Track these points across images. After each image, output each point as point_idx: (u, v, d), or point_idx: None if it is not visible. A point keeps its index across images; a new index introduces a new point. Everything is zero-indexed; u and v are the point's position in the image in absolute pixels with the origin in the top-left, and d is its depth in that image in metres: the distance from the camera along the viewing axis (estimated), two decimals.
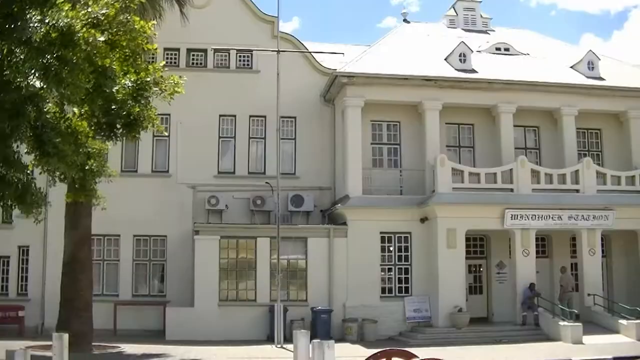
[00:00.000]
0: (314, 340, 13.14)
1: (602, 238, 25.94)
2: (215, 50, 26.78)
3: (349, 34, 78.33)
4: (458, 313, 23.44)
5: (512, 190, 24.72)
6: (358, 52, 28.24)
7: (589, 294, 24.78)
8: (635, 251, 26.24)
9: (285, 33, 27.89)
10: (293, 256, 24.29)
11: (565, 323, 22.25)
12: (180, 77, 15.21)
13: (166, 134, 24.49)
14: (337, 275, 24.14)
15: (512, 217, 24.23)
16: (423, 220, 24.77)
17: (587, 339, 21.70)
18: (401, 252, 24.87)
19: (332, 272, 24.19)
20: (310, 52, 26.87)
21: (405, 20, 32.57)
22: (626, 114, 27.37)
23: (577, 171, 25.50)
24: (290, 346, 17.37)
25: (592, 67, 28.04)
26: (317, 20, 78.74)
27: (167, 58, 26.14)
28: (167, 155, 26.59)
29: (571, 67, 28.53)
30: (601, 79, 27.72)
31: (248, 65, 27.61)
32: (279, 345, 20.63)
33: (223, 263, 23.97)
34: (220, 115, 26.99)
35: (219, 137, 26.98)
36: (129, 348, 20.04)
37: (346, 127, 25.19)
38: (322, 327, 22.64)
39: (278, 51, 22.04)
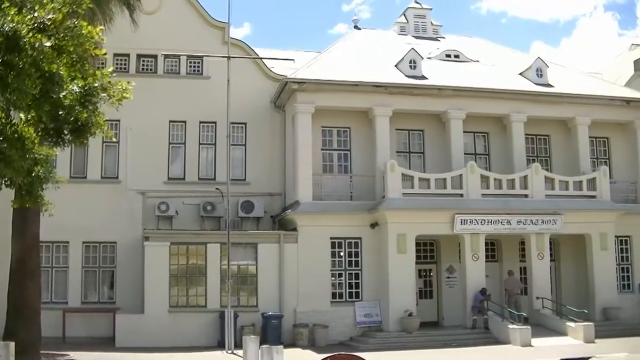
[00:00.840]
0: (263, 346, 14.00)
1: (550, 242, 27.34)
2: (166, 56, 27.48)
3: (301, 40, 80.00)
4: (408, 317, 24.46)
5: (461, 195, 25.91)
6: (309, 59, 29.35)
7: (537, 298, 26.16)
8: (583, 255, 27.73)
9: (236, 39, 28.78)
10: (243, 262, 25.07)
11: (515, 326, 23.37)
12: (128, 82, 15.57)
13: (115, 140, 25.16)
14: (287, 280, 24.97)
15: (461, 222, 25.41)
16: (373, 225, 25.77)
17: (535, 341, 22.92)
18: (352, 257, 25.79)
19: (282, 277, 25.00)
20: (260, 58, 27.74)
21: (356, 27, 33.83)
22: (574, 120, 28.84)
23: (525, 176, 26.79)
24: (240, 352, 18.17)
25: (541, 74, 29.49)
26: (269, 26, 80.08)
27: (117, 64, 26.84)
28: (116, 161, 27.11)
29: (520, 74, 29.98)
30: (549, 85, 29.21)
31: (198, 71, 28.39)
32: (229, 351, 21.24)
33: (173, 269, 24.58)
34: (170, 121, 27.68)
35: (169, 143, 27.65)
36: (78, 356, 20.42)
37: (296, 133, 26.07)
38: (272, 332, 23.42)
39: (228, 57, 22.74)
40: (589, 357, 19.56)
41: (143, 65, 28.07)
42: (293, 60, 26.03)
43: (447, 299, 27.06)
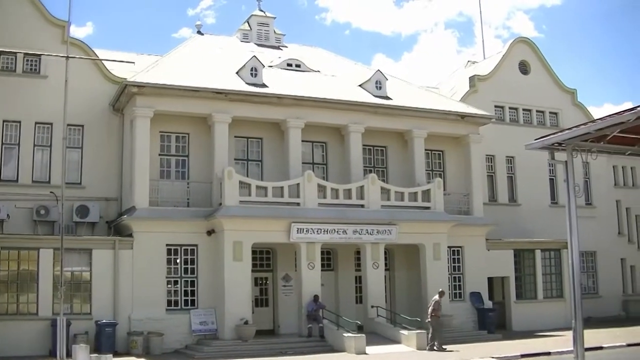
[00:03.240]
0: (92, 355, 16.64)
1: (385, 251, 32.67)
2: (1, 53, 29.88)
3: (145, 42, 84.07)
4: (244, 325, 28.22)
5: (298, 204, 30.38)
6: (150, 62, 33.06)
7: (372, 306, 31.10)
8: (417, 264, 33.35)
9: (76, 39, 32.15)
10: (77, 268, 28.02)
11: (349, 334, 27.37)
12: None
13: None
14: (122, 287, 28.16)
15: (298, 230, 29.79)
16: (210, 232, 29.66)
17: (370, 349, 26.94)
18: (188, 264, 29.49)
19: (117, 284, 28.13)
20: (100, 60, 31.04)
21: (199, 32, 38.39)
22: (411, 132, 34.56)
23: (362, 187, 31.80)
24: None
25: (380, 87, 35.13)
26: (112, 27, 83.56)
27: None
28: None
29: (360, 85, 35.55)
30: (388, 98, 34.88)
31: (36, 69, 31.29)
32: None
33: (3, 275, 27.01)
34: (4, 121, 30.31)
35: (2, 144, 30.24)
36: None
37: (134, 137, 29.49)
38: (106, 340, 26.56)
39: (67, 57, 24.58)
40: None
41: None
42: (133, 63, 29.06)
43: (283, 307, 31.52)
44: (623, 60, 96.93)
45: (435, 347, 28.04)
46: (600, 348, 26.56)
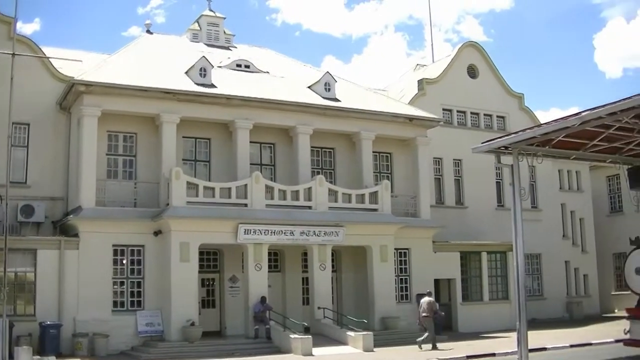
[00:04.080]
0: (35, 357, 16.89)
1: (332, 253, 33.41)
2: None
3: (94, 40, 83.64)
4: (191, 327, 28.59)
5: (246, 205, 30.96)
6: (99, 60, 33.40)
7: (319, 307, 31.79)
8: (364, 266, 34.15)
9: (23, 36, 32.14)
10: (21, 269, 28.10)
11: (296, 336, 27.89)
12: None
13: None
14: (67, 288, 28.34)
15: (245, 231, 30.33)
16: (157, 233, 30.06)
17: (317, 350, 27.42)
18: (134, 265, 29.88)
19: (62, 285, 28.30)
20: (47, 57, 31.13)
21: (148, 31, 38.75)
22: (359, 134, 35.40)
23: (310, 188, 32.52)
24: None
25: (329, 89, 35.92)
26: (61, 24, 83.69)
27: None
28: None
29: (309, 87, 36.34)
30: (337, 100, 35.70)
31: None
32: None
33: None
34: None
35: None
36: None
37: (81, 136, 29.75)
38: (50, 342, 26.72)
39: (13, 54, 24.73)
40: None
41: None
42: (81, 61, 29.39)
43: (230, 309, 32.07)
44: (570, 65, 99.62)
45: (422, 347, 28.80)
46: (544, 349, 27.42)
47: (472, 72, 44.52)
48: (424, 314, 29.81)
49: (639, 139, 20.58)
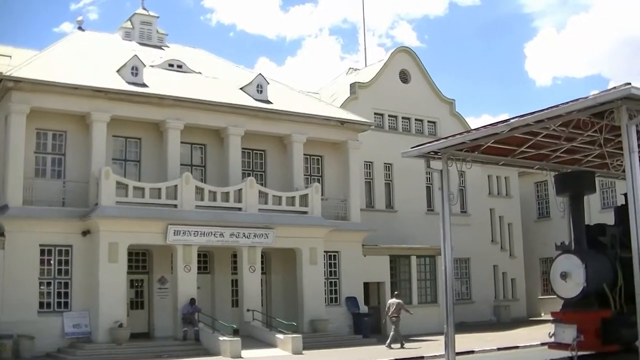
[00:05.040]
0: None
1: (262, 255, 34.03)
2: None
3: (25, 36, 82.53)
4: (118, 328, 28.77)
5: (176, 206, 31.41)
6: (29, 56, 33.14)
7: (248, 310, 32.35)
8: (293, 268, 34.90)
9: None
10: None
11: (225, 338, 28.40)
12: None
13: None
14: None
15: (174, 232, 30.78)
16: (85, 233, 30.26)
17: (245, 353, 27.98)
18: (61, 265, 29.96)
19: None
20: None
21: (80, 28, 38.83)
22: (290, 137, 36.16)
23: (240, 190, 33.11)
24: None
25: (261, 91, 36.64)
26: None
27: None
28: None
29: (241, 88, 37.00)
30: (269, 102, 36.42)
31: None
32: None
33: None
34: None
35: None
36: None
37: (8, 133, 29.72)
38: None
39: None
40: None
41: None
42: (10, 57, 29.43)
43: (159, 310, 32.37)
44: (501, 73, 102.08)
45: (392, 346, 30.33)
46: (472, 352, 28.36)
47: (404, 77, 45.71)
48: (393, 315, 31.52)
49: (565, 147, 21.50)
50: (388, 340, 30.92)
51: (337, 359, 28.05)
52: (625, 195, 17.81)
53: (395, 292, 33.74)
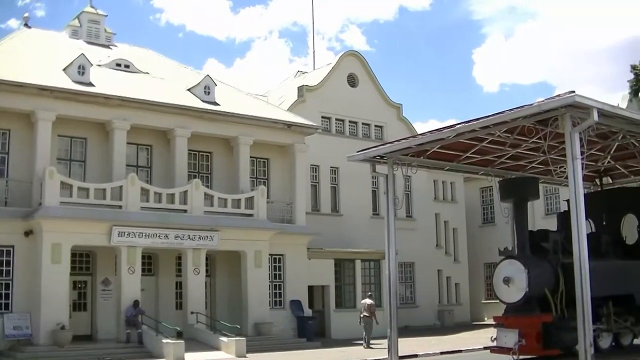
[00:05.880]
0: None
1: (207, 258, 34.44)
2: None
3: None
4: (61, 330, 28.76)
5: (120, 207, 31.55)
6: None
7: (192, 312, 32.66)
8: (238, 271, 35.31)
9: None
10: None
11: (168, 340, 28.50)
12: None
13: None
14: None
15: (119, 234, 30.90)
16: (28, 233, 30.20)
17: (189, 356, 28.21)
18: (3, 266, 29.76)
19: None
20: None
21: (26, 25, 38.70)
22: (237, 139, 36.55)
23: (186, 192, 33.39)
24: None
25: (209, 92, 37.02)
26: None
27: None
28: None
29: (188, 89, 37.31)
30: (216, 104, 36.80)
31: None
32: None
33: None
34: None
35: None
36: None
37: None
38: None
39: None
40: None
41: None
42: None
43: (102, 312, 32.41)
44: (449, 78, 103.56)
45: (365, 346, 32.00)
46: (415, 356, 28.89)
47: (352, 81, 46.39)
48: (365, 314, 33.12)
49: (510, 153, 22.15)
50: (364, 341, 32.36)
51: None
52: (568, 201, 18.37)
53: (369, 293, 34.99)
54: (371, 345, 32.29)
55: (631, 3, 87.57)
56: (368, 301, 34.11)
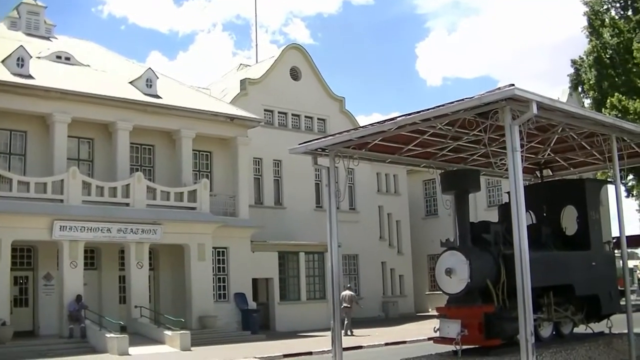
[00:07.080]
0: None
1: (150, 251, 34.70)
2: None
3: None
4: (1, 327, 28.68)
5: (62, 201, 31.65)
6: None
7: (136, 306, 32.87)
8: (181, 264, 35.62)
9: None
10: None
11: (112, 335, 28.77)
12: None
13: None
14: None
15: (60, 228, 31.00)
16: None
17: (133, 350, 28.37)
18: None
19: None
20: None
21: None
22: (179, 132, 36.88)
23: (128, 185, 33.63)
24: None
25: (151, 85, 37.23)
26: None
27: None
28: None
29: (130, 82, 37.47)
30: (158, 97, 37.02)
31: None
32: None
33: None
34: None
35: None
36: None
37: None
38: None
39: None
40: None
41: None
42: None
43: (44, 308, 32.51)
44: (393, 72, 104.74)
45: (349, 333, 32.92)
46: (360, 347, 29.57)
47: (295, 74, 46.89)
48: (345, 305, 33.88)
49: (451, 145, 22.74)
50: (343, 330, 32.33)
51: (225, 355, 28.57)
52: (509, 193, 19.01)
53: (348, 285, 36.27)
54: (354, 334, 33.80)
55: (571, 1, 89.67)
56: (348, 292, 35.39)
